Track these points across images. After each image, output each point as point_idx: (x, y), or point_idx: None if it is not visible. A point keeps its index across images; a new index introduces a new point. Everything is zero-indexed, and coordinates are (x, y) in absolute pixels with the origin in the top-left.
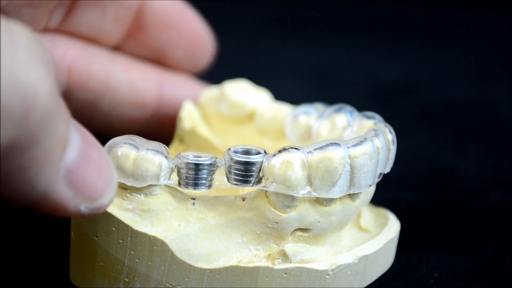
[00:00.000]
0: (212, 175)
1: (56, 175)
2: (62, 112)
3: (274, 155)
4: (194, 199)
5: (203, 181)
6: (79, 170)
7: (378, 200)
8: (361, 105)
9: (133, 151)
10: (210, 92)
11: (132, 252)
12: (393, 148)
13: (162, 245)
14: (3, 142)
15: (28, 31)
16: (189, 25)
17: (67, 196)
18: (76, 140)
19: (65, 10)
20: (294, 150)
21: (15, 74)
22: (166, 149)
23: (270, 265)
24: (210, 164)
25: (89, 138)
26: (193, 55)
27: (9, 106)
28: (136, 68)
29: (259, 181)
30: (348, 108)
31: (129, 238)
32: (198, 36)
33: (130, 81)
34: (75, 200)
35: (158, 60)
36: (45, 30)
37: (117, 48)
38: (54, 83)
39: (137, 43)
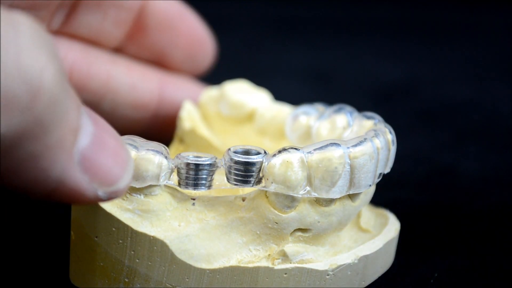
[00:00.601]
0: (212, 175)
1: (70, 161)
2: (71, 98)
3: (274, 155)
4: (194, 199)
5: (203, 182)
6: (94, 156)
7: (378, 200)
8: (361, 105)
9: (133, 152)
10: (210, 92)
11: (132, 252)
12: (393, 148)
13: (162, 245)
14: (13, 130)
15: (31, 20)
16: (189, 27)
17: (83, 182)
18: (89, 126)
19: (66, 12)
20: (294, 150)
21: (20, 62)
22: (166, 149)
23: (270, 265)
24: (210, 164)
25: (101, 123)
26: (194, 57)
27: (16, 94)
28: (137, 70)
29: (259, 181)
30: (348, 108)
31: (129, 239)
32: (198, 38)
33: (131, 83)
34: (92, 186)
35: (159, 62)
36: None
37: (118, 50)
38: (59, 69)
39: (138, 45)
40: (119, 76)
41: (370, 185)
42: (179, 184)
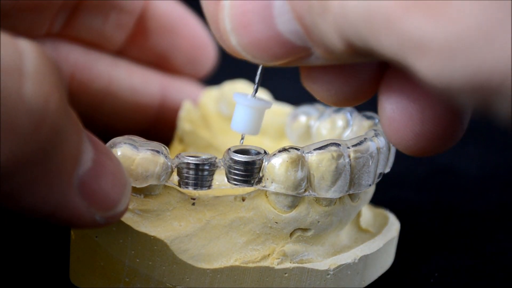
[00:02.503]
0: (212, 175)
1: (69, 187)
2: (73, 125)
3: (274, 155)
4: (194, 199)
5: (203, 181)
6: (92, 181)
7: (378, 200)
8: (361, 105)
9: (133, 151)
10: (210, 92)
11: (133, 252)
12: (393, 148)
13: (163, 245)
14: (14, 158)
15: (36, 47)
16: (191, 30)
17: (81, 207)
18: (89, 151)
19: (68, 15)
20: (294, 150)
21: (23, 91)
22: (166, 149)
23: (271, 265)
24: (210, 164)
25: (101, 147)
26: (195, 60)
27: (19, 123)
28: (138, 73)
29: (259, 181)
30: (348, 108)
31: (129, 238)
32: (200, 41)
33: (132, 86)
34: (90, 211)
35: (161, 65)
36: (48, 34)
37: (120, 53)
38: (63, 97)
39: (140, 48)
40: (121, 79)
41: (370, 185)
42: (179, 184)
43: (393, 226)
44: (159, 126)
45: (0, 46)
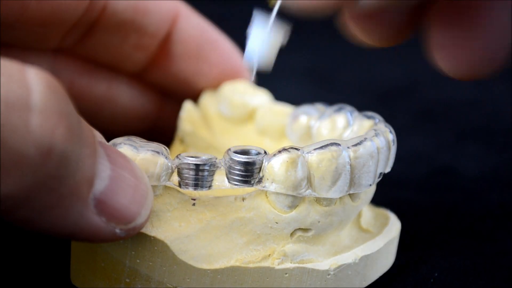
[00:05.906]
0: (212, 175)
1: (86, 207)
2: (86, 148)
3: (274, 155)
4: (194, 199)
5: (203, 182)
6: (110, 198)
7: (379, 200)
8: (361, 105)
9: (133, 152)
10: (210, 92)
11: (133, 253)
12: (393, 148)
13: (163, 246)
14: (26, 187)
15: (43, 76)
16: (221, 56)
17: (100, 223)
18: (106, 169)
19: (83, 32)
20: (294, 150)
21: (29, 123)
22: (166, 149)
23: (271, 266)
24: (210, 164)
25: (120, 162)
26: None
27: (26, 154)
28: (138, 80)
29: (259, 181)
30: (348, 108)
31: (129, 239)
32: (230, 69)
33: (132, 93)
34: (109, 225)
35: (182, 89)
36: (59, 49)
37: (139, 75)
38: (72, 125)
39: (161, 72)
40: (120, 86)
41: (370, 185)
42: (180, 185)
43: (394, 226)
44: (158, 129)
45: (7, 79)
